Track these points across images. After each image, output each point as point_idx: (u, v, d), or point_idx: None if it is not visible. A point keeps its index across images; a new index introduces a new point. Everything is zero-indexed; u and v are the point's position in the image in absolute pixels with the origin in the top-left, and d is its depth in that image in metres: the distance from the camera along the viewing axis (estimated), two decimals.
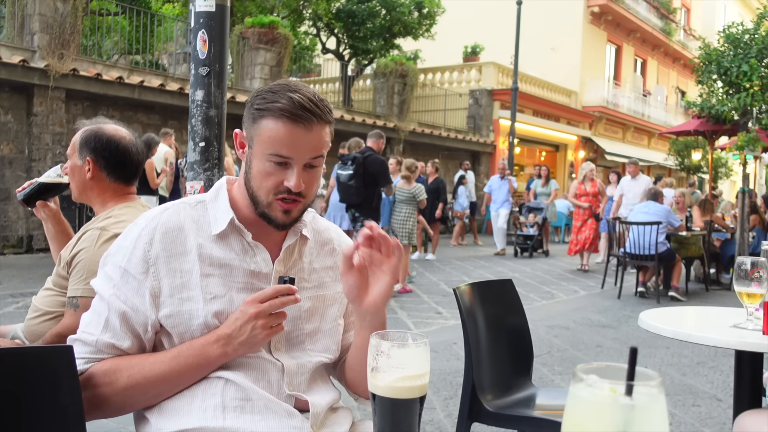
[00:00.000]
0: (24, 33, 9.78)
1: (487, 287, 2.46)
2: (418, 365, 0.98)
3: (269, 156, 1.28)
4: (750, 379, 2.23)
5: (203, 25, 3.23)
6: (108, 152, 2.05)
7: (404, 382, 0.97)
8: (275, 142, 1.27)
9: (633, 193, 10.49)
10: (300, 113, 1.25)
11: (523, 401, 2.28)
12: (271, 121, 1.27)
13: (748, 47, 12.58)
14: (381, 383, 0.97)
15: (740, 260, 2.06)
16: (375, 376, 0.98)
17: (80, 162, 2.06)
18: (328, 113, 1.31)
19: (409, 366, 0.97)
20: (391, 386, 0.97)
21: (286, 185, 1.29)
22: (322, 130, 1.30)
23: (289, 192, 1.29)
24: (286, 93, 1.26)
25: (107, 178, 2.07)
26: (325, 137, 1.32)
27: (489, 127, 19.37)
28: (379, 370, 0.97)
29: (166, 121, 11.15)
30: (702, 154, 21.58)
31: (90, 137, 2.05)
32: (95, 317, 1.30)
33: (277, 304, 1.25)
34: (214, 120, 3.22)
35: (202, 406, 1.26)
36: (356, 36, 17.48)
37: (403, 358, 0.97)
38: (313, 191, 1.35)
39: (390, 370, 0.97)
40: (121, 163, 2.07)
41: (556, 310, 7.06)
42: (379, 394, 0.98)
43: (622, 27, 25.15)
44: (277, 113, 1.26)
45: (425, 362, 0.99)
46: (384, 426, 1.00)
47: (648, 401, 0.66)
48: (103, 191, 2.08)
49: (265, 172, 1.29)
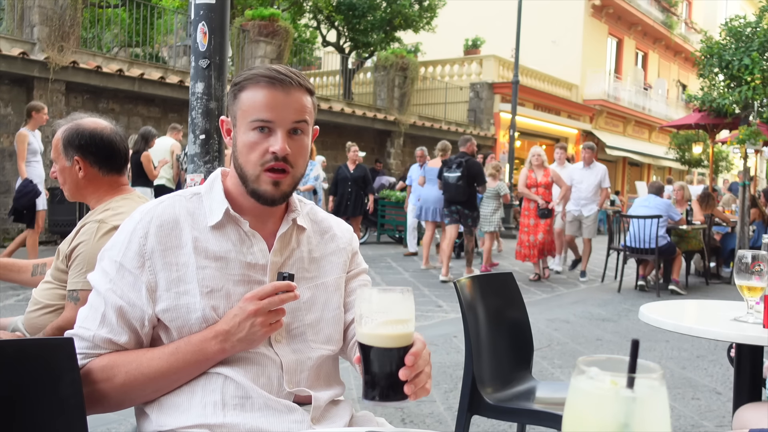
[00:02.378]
0: (24, 25, 9.76)
1: (488, 280, 2.46)
2: (400, 310, 1.00)
3: (251, 124, 1.29)
4: (750, 372, 2.24)
5: (203, 17, 3.21)
6: (94, 147, 2.01)
7: (386, 328, 0.99)
8: (256, 108, 1.29)
9: (586, 184, 8.76)
10: (277, 76, 1.29)
11: (523, 394, 2.28)
12: (250, 90, 1.30)
13: (750, 40, 12.53)
14: (365, 330, 1.00)
15: (741, 253, 2.06)
16: (360, 323, 1.01)
17: (68, 163, 2.02)
18: (307, 82, 1.33)
19: (392, 311, 1.00)
20: (374, 332, 1.00)
21: (272, 150, 1.28)
22: (302, 95, 1.31)
23: (276, 159, 1.28)
24: (262, 66, 1.31)
25: (100, 173, 2.04)
26: (307, 104, 1.32)
27: (489, 120, 19.36)
28: (363, 317, 1.00)
29: (166, 114, 11.14)
30: (703, 148, 21.60)
31: (72, 136, 2.01)
32: (92, 312, 1.30)
33: (276, 301, 1.25)
34: (214, 112, 3.21)
35: (201, 402, 1.26)
36: (357, 29, 17.44)
37: (385, 302, 1.00)
38: (301, 162, 1.33)
39: (373, 315, 0.99)
40: (109, 155, 2.04)
41: (556, 303, 7.07)
42: (363, 343, 1.01)
43: (624, 20, 25.08)
44: (255, 80, 1.29)
45: (408, 309, 1.01)
46: (370, 373, 1.02)
47: (649, 394, 0.66)
48: (98, 187, 2.05)
49: (250, 143, 1.30)
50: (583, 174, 8.84)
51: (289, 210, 1.41)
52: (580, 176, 8.83)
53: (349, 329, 1.44)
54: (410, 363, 1.04)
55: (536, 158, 8.50)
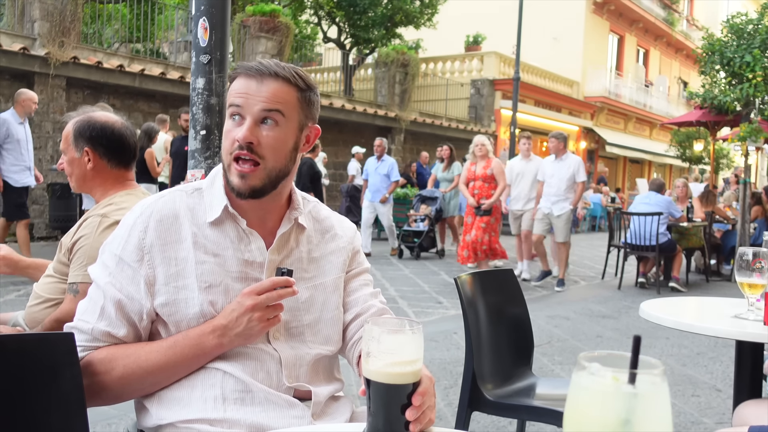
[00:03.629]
0: (24, 20, 9.75)
1: (489, 277, 2.46)
2: (409, 351, 0.98)
3: (228, 111, 1.31)
4: (750, 369, 2.24)
5: (204, 12, 3.21)
6: (105, 139, 2.04)
7: (394, 368, 0.97)
8: (231, 95, 1.30)
9: (557, 178, 7.69)
10: (255, 66, 1.29)
11: (523, 390, 2.28)
12: (234, 81, 1.31)
13: (752, 38, 12.51)
14: (372, 368, 0.98)
15: (742, 251, 2.06)
16: (367, 360, 0.98)
17: (78, 154, 2.04)
18: (295, 77, 1.31)
19: (400, 352, 0.97)
20: (381, 371, 0.97)
21: (235, 137, 1.28)
22: (279, 85, 1.29)
23: (240, 148, 1.27)
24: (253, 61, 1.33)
25: (108, 165, 2.06)
26: (284, 95, 1.30)
27: (490, 117, 19.33)
28: (370, 355, 0.98)
29: (167, 110, 11.12)
30: (704, 145, 21.54)
31: (84, 127, 2.04)
32: (91, 305, 1.30)
33: (274, 296, 1.24)
34: (215, 108, 3.21)
35: (202, 396, 1.26)
36: (357, 25, 17.40)
37: (394, 343, 0.98)
38: (273, 156, 1.30)
39: (381, 356, 0.97)
40: (119, 148, 2.07)
41: (556, 300, 7.07)
42: (370, 379, 0.99)
43: (625, 17, 25.03)
44: (239, 70, 1.31)
45: (417, 349, 0.99)
46: (376, 411, 1.00)
47: (651, 389, 0.66)
48: (105, 180, 2.08)
49: (226, 131, 1.32)
50: (554, 167, 7.81)
51: (291, 208, 1.40)
52: (551, 170, 7.84)
53: (349, 329, 1.43)
54: (417, 403, 1.01)
55: (479, 148, 7.88)
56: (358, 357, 1.38)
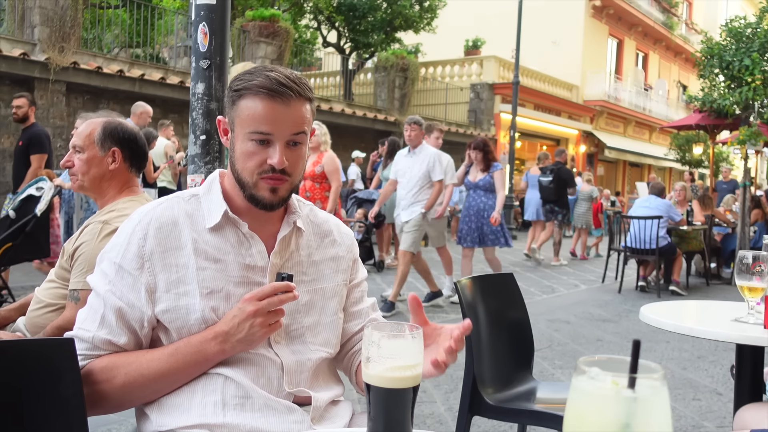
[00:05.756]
0: (24, 26, 9.77)
1: (489, 281, 2.46)
2: (409, 356, 0.99)
3: (250, 135, 1.28)
4: (751, 373, 2.24)
5: (204, 17, 3.21)
6: (134, 143, 2.13)
7: (395, 372, 0.98)
8: (255, 120, 1.26)
9: (408, 176, 6.03)
10: (277, 88, 1.25)
11: (523, 395, 2.28)
12: (249, 99, 1.27)
13: (751, 41, 12.53)
14: (372, 372, 0.98)
15: (742, 254, 2.06)
16: (367, 365, 0.99)
17: (102, 153, 2.08)
18: (308, 90, 1.31)
19: (400, 356, 0.98)
20: (382, 376, 0.98)
21: (270, 163, 1.28)
22: (301, 106, 1.29)
23: (273, 170, 1.28)
24: (262, 73, 1.28)
25: (128, 168, 2.13)
26: (306, 114, 1.30)
27: (490, 121, 19.34)
28: (370, 360, 0.98)
29: (167, 115, 11.13)
30: (703, 149, 21.57)
31: (116, 129, 2.11)
32: (91, 313, 1.30)
33: (275, 301, 1.24)
34: (215, 113, 3.21)
35: (201, 402, 1.25)
36: (357, 29, 17.44)
37: (394, 348, 0.98)
38: (298, 170, 1.33)
39: (381, 360, 0.98)
40: (141, 154, 2.17)
41: (556, 304, 7.07)
42: (370, 384, 0.99)
43: (624, 21, 25.08)
44: (255, 90, 1.26)
45: (417, 353, 1.00)
46: (376, 416, 1.01)
47: (651, 394, 0.66)
48: (120, 182, 2.12)
49: (248, 152, 1.29)
50: (406, 162, 6.00)
51: (289, 212, 1.40)
52: (403, 165, 6.03)
53: (352, 340, 1.45)
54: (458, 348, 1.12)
55: None
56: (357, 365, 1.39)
